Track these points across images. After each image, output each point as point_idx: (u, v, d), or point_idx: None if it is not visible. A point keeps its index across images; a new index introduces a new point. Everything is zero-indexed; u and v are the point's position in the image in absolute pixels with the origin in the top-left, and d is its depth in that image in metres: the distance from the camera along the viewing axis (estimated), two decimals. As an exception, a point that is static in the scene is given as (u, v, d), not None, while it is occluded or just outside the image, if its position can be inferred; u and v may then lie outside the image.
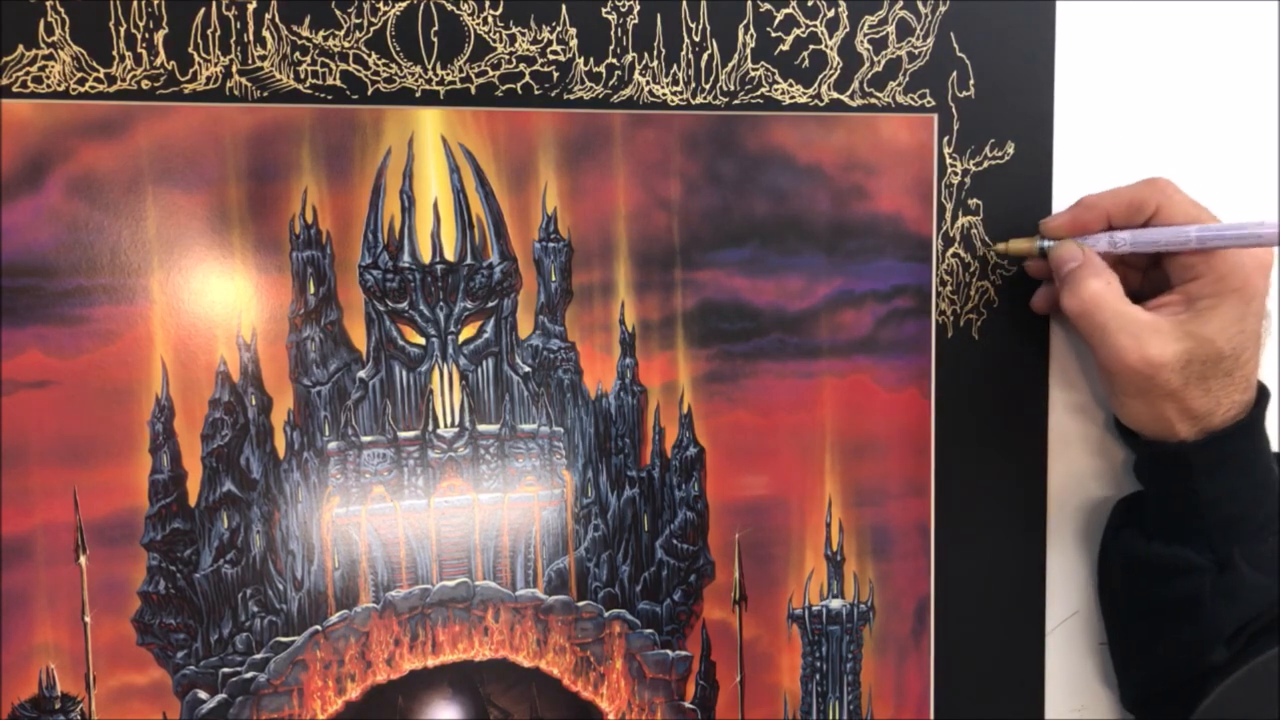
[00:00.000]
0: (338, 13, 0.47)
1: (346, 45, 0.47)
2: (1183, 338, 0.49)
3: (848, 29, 0.52)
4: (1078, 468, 0.58)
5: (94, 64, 0.45)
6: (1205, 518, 0.51)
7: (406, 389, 0.50)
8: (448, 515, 0.51)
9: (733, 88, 0.51)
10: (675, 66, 0.51)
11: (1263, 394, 0.52)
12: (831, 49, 0.52)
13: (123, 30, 0.45)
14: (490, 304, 0.50)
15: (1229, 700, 0.50)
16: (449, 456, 0.50)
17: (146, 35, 0.46)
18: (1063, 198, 0.56)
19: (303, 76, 0.47)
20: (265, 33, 0.47)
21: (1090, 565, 0.58)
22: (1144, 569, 0.54)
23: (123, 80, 0.45)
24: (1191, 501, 0.51)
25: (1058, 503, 0.57)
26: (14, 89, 0.44)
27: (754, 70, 0.52)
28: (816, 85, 0.52)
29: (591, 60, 0.50)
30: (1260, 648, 0.51)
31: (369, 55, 0.48)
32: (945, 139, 0.54)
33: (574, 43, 0.50)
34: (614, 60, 0.50)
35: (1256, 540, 0.51)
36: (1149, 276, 0.53)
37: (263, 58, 0.47)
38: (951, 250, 0.55)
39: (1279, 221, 0.48)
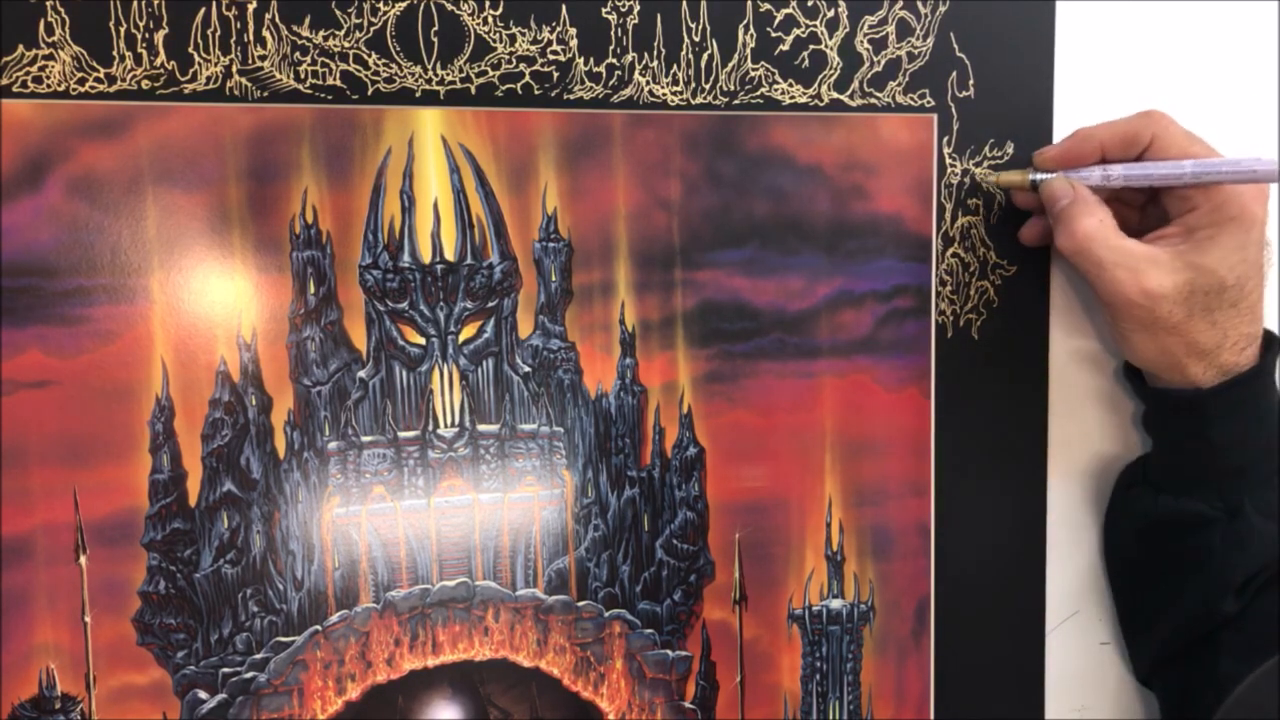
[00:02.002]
0: (338, 13, 0.47)
1: (346, 45, 0.47)
2: (1183, 269, 0.48)
3: (848, 29, 0.52)
4: (1078, 468, 0.58)
5: (94, 64, 0.45)
6: (1216, 465, 0.51)
7: (406, 389, 0.50)
8: (448, 515, 0.51)
9: (733, 88, 0.51)
10: (675, 66, 0.51)
11: (1271, 340, 0.51)
12: (831, 49, 0.52)
13: (123, 30, 0.45)
14: (490, 304, 0.50)
15: (1249, 701, 0.49)
16: (449, 456, 0.50)
17: (146, 35, 0.46)
18: (1063, 198, 0.56)
19: (303, 76, 0.47)
20: (265, 33, 0.47)
21: (1091, 565, 0.58)
22: (1154, 525, 0.54)
23: (123, 80, 0.45)
24: (1203, 449, 0.51)
25: (1058, 502, 0.57)
26: (14, 89, 0.44)
27: (754, 70, 0.52)
28: (816, 85, 0.52)
29: (591, 60, 0.50)
30: (1267, 599, 0.50)
31: (369, 55, 0.48)
32: (945, 139, 0.54)
33: (574, 43, 0.50)
34: (614, 60, 0.50)
35: (1265, 489, 0.51)
36: (1146, 212, 0.53)
37: (263, 58, 0.47)
38: (951, 250, 0.55)
39: (1277, 158, 0.47)
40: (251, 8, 0.46)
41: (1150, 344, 0.50)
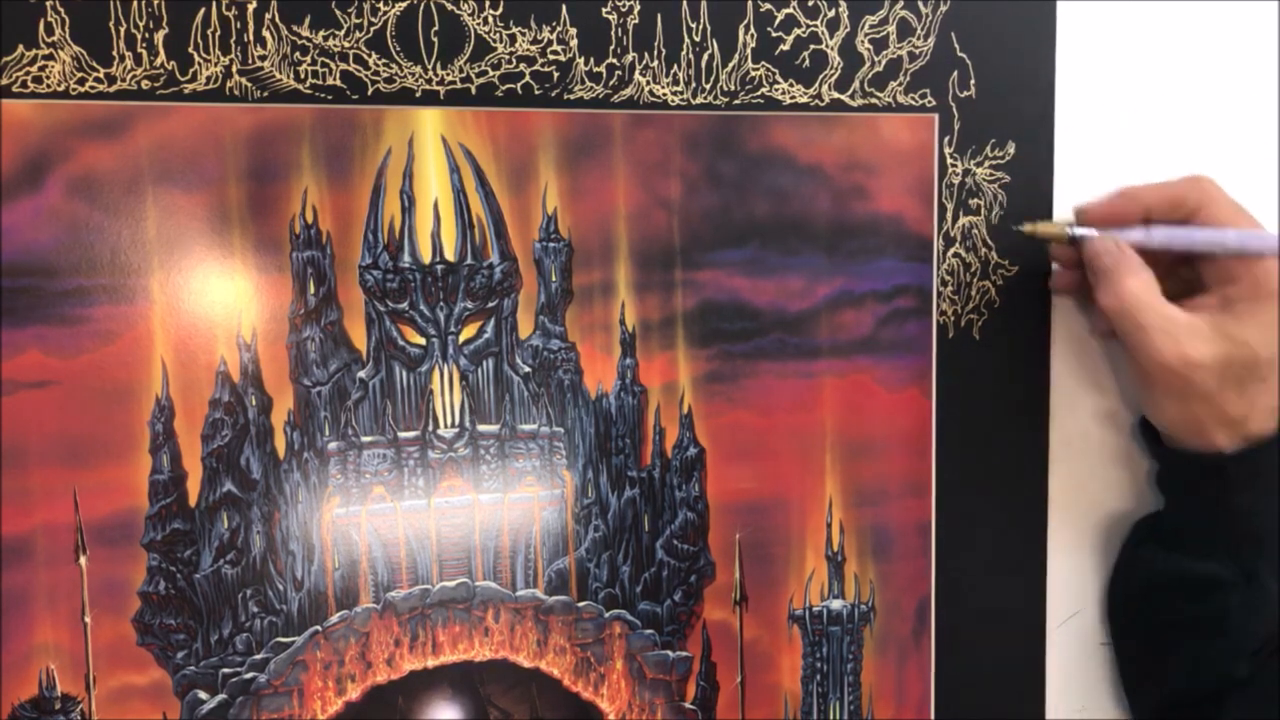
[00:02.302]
0: (338, 13, 0.47)
1: (346, 45, 0.47)
2: (1221, 340, 0.48)
3: (848, 29, 0.52)
4: (1079, 468, 0.58)
5: (94, 64, 0.45)
6: (1235, 530, 0.51)
7: (406, 389, 0.50)
8: (448, 515, 0.51)
9: (733, 88, 0.51)
10: (675, 66, 0.51)
11: None
12: (832, 49, 0.52)
13: (123, 30, 0.45)
14: (490, 304, 0.50)
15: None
16: (449, 457, 0.50)
17: (146, 35, 0.46)
18: (1063, 197, 0.56)
19: (303, 76, 0.47)
20: (265, 33, 0.47)
21: (1091, 565, 0.58)
22: (1165, 584, 0.53)
23: (123, 80, 0.45)
24: (1222, 514, 0.51)
25: (1058, 503, 0.57)
26: (14, 89, 0.44)
27: (754, 70, 0.51)
28: (817, 85, 0.52)
29: (592, 60, 0.50)
30: (1276, 662, 0.50)
31: (369, 55, 0.48)
32: (946, 139, 0.54)
33: (574, 43, 0.49)
34: (614, 60, 0.50)
35: None
36: (1175, 275, 0.52)
37: (263, 58, 0.47)
38: (952, 250, 0.55)
39: None
40: (251, 8, 0.46)
41: (1179, 410, 0.50)
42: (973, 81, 0.54)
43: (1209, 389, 0.49)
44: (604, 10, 0.50)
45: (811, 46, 0.52)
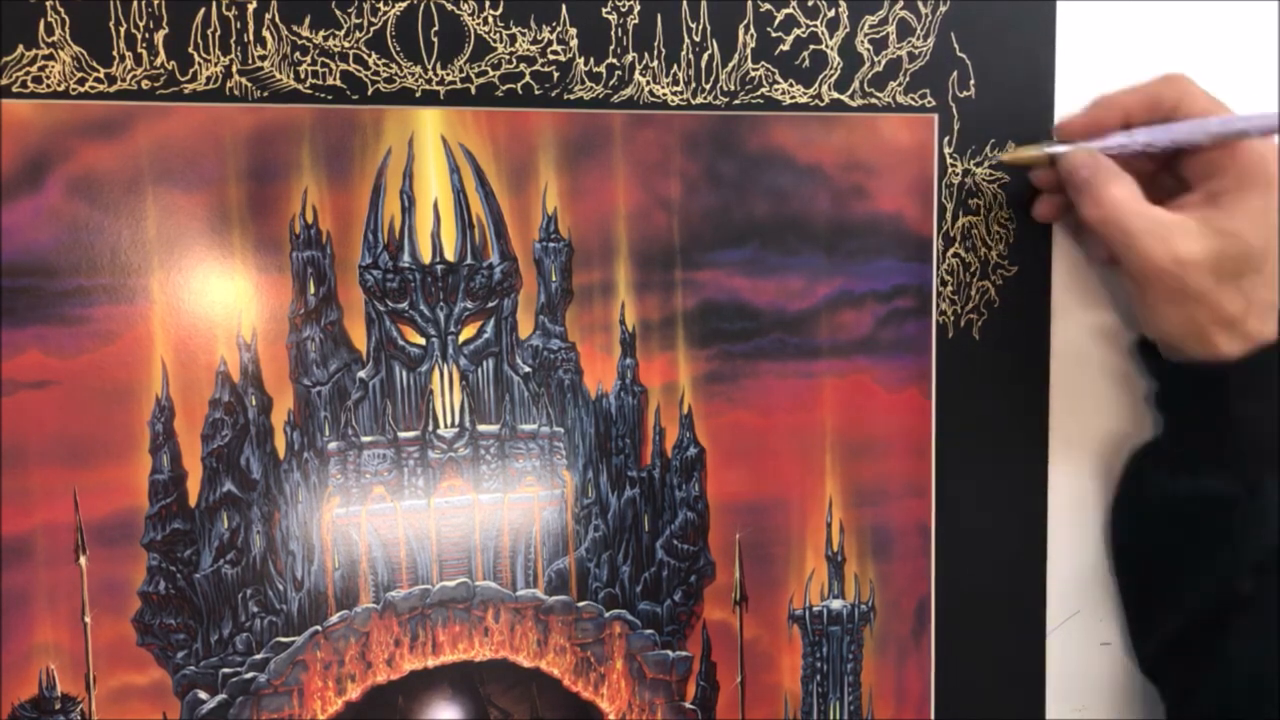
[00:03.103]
0: (338, 13, 0.47)
1: (346, 45, 0.47)
2: (1212, 235, 0.48)
3: (848, 29, 0.52)
4: (1078, 468, 0.58)
5: (94, 64, 0.45)
6: (1237, 441, 0.50)
7: (406, 389, 0.50)
8: (448, 515, 0.51)
9: (733, 88, 0.51)
10: (675, 66, 0.51)
11: None
12: (832, 49, 0.52)
13: (123, 30, 0.45)
14: (490, 304, 0.50)
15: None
16: (449, 457, 0.50)
17: (146, 35, 0.46)
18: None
19: (303, 76, 0.47)
20: (265, 33, 0.47)
21: (1091, 564, 0.58)
22: (1168, 508, 0.53)
23: (123, 80, 0.45)
24: (1223, 425, 0.50)
25: (1058, 502, 0.57)
26: (14, 89, 0.44)
27: (754, 70, 0.52)
28: (817, 85, 0.52)
29: (591, 60, 0.50)
30: (1276, 580, 0.49)
31: (369, 55, 0.48)
32: (946, 139, 0.54)
33: (574, 43, 0.49)
34: (614, 60, 0.50)
35: None
36: (1158, 182, 0.52)
37: (263, 58, 0.47)
38: (952, 250, 0.55)
39: None
40: (251, 8, 0.46)
41: (1176, 315, 0.49)
42: (972, 81, 0.54)
43: (1204, 287, 0.48)
44: (604, 10, 0.50)
45: (811, 47, 0.52)
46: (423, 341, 0.50)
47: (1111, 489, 0.58)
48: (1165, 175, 0.52)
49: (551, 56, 0.49)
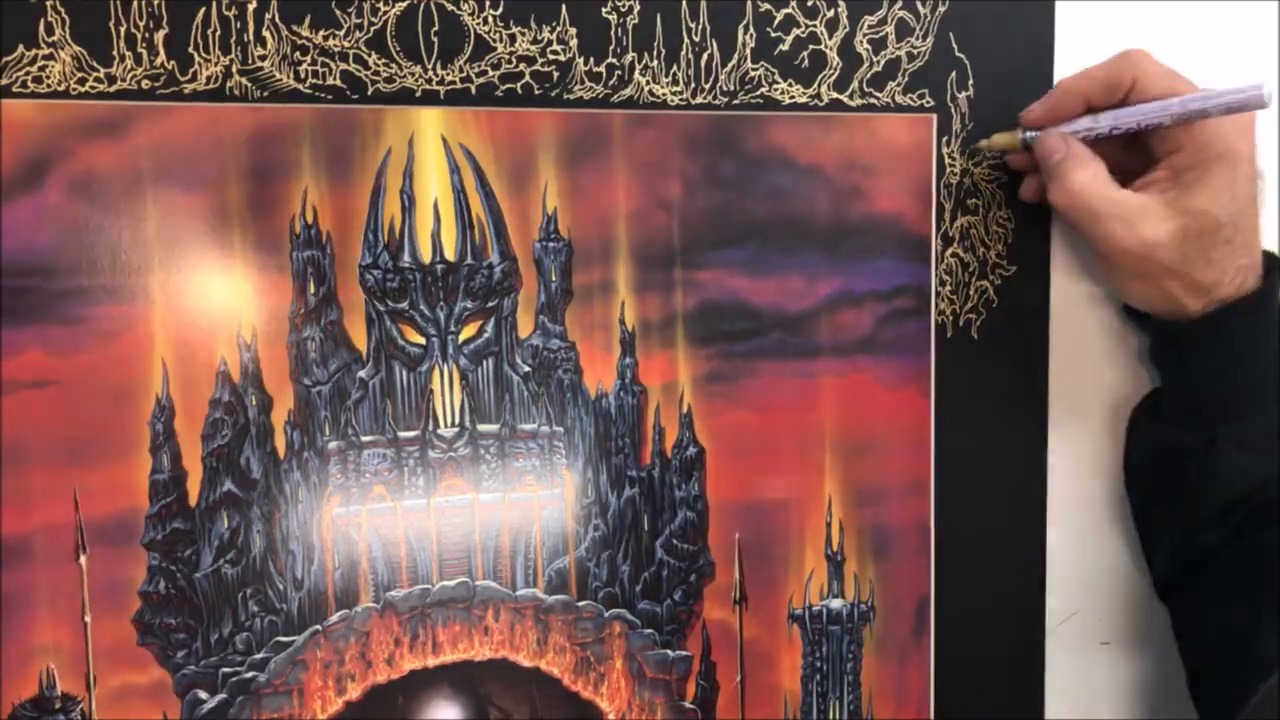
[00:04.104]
0: (338, 13, 0.47)
1: (346, 45, 0.47)
2: (1176, 215, 0.48)
3: (847, 29, 0.52)
4: (1078, 467, 0.58)
5: (94, 64, 0.45)
6: (1195, 397, 0.52)
7: (407, 389, 0.50)
8: (448, 515, 0.51)
9: (733, 88, 0.51)
10: (675, 66, 0.51)
11: (1273, 263, 0.51)
12: (831, 49, 0.52)
13: (123, 30, 0.45)
14: (490, 304, 0.50)
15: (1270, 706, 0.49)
16: (449, 456, 0.50)
17: (147, 35, 0.46)
18: (1062, 197, 0.56)
19: (303, 76, 0.47)
20: (265, 33, 0.47)
21: (1091, 564, 0.58)
22: (1154, 455, 0.55)
23: (123, 80, 0.45)
24: (1183, 381, 0.53)
25: (1058, 502, 0.57)
26: (14, 89, 0.44)
27: (754, 70, 0.52)
28: (816, 85, 0.52)
29: (591, 60, 0.50)
30: (1258, 531, 0.50)
31: (369, 55, 0.48)
32: (945, 139, 0.54)
33: (574, 43, 0.50)
34: (614, 60, 0.50)
35: (1249, 421, 0.51)
36: (1131, 155, 0.52)
37: (263, 58, 0.47)
38: (951, 250, 0.55)
39: (1265, 83, 0.46)
40: (251, 8, 0.46)
41: (1148, 289, 0.51)
42: (971, 81, 0.54)
43: (1172, 264, 0.49)
44: (604, 10, 0.50)
45: (810, 47, 0.52)
46: (423, 341, 0.50)
47: (1111, 487, 0.58)
48: (1133, 151, 0.52)
49: (551, 56, 0.49)
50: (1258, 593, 0.50)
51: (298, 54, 0.47)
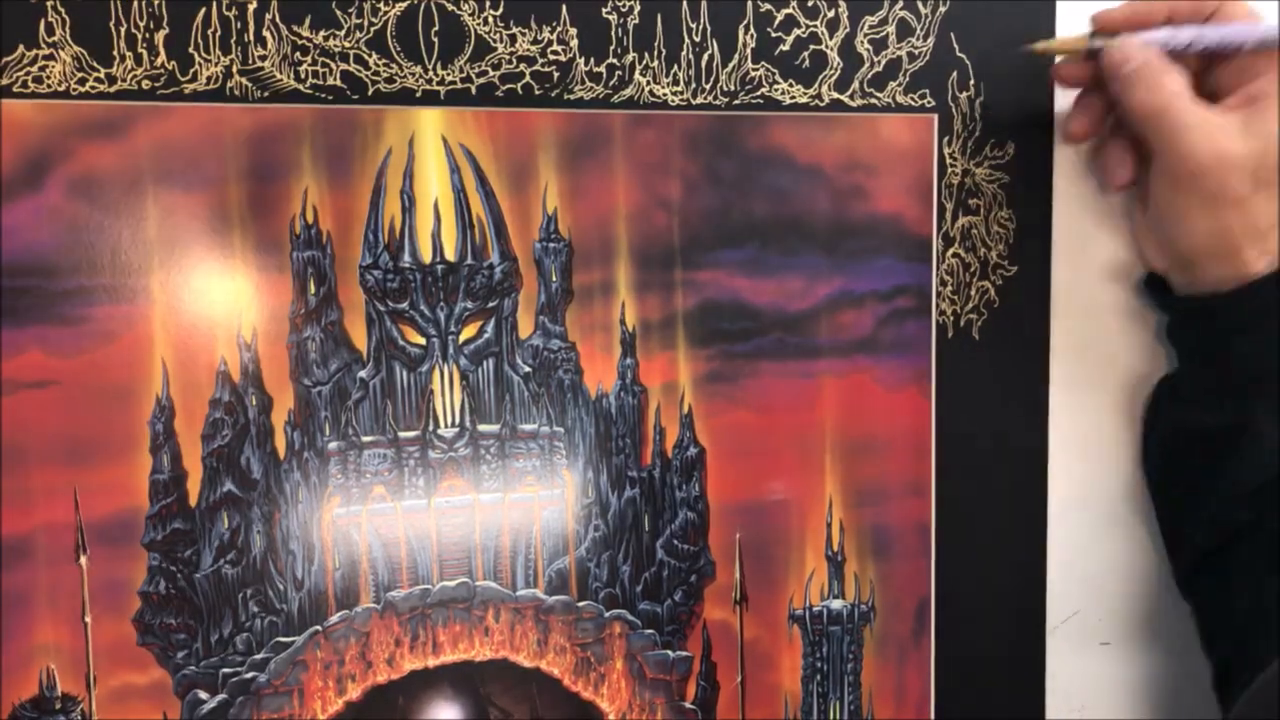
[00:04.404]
0: (338, 13, 0.47)
1: (347, 45, 0.47)
2: (1252, 136, 0.48)
3: (848, 29, 0.52)
4: (1079, 467, 0.58)
5: (94, 64, 0.45)
6: (1232, 375, 0.51)
7: (407, 389, 0.50)
8: (448, 515, 0.51)
9: (733, 88, 0.51)
10: (675, 66, 0.51)
11: None
12: (832, 49, 0.52)
13: (123, 30, 0.45)
14: (490, 304, 0.50)
15: (1261, 701, 0.49)
16: (449, 456, 0.50)
17: (147, 35, 0.46)
18: (1062, 198, 0.56)
19: (303, 76, 0.47)
20: (265, 33, 0.47)
21: (1091, 564, 0.58)
22: (1175, 439, 0.54)
23: (123, 80, 0.45)
24: (1219, 358, 0.51)
25: (1058, 502, 0.57)
26: (14, 89, 0.44)
27: (754, 70, 0.52)
28: (817, 85, 0.52)
29: (592, 60, 0.50)
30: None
31: (369, 55, 0.48)
32: (945, 139, 0.54)
33: (574, 43, 0.50)
34: (614, 60, 0.50)
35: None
36: (1200, 81, 0.51)
37: (263, 58, 0.47)
38: (952, 250, 0.55)
39: None
40: (251, 8, 0.46)
41: (1209, 223, 0.49)
42: (972, 82, 0.54)
43: (1242, 192, 0.48)
44: (604, 10, 0.50)
45: (811, 47, 0.52)
46: (423, 341, 0.50)
47: (1110, 493, 0.58)
48: (1199, 79, 0.51)
49: (552, 56, 0.49)
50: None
51: (298, 54, 0.47)
